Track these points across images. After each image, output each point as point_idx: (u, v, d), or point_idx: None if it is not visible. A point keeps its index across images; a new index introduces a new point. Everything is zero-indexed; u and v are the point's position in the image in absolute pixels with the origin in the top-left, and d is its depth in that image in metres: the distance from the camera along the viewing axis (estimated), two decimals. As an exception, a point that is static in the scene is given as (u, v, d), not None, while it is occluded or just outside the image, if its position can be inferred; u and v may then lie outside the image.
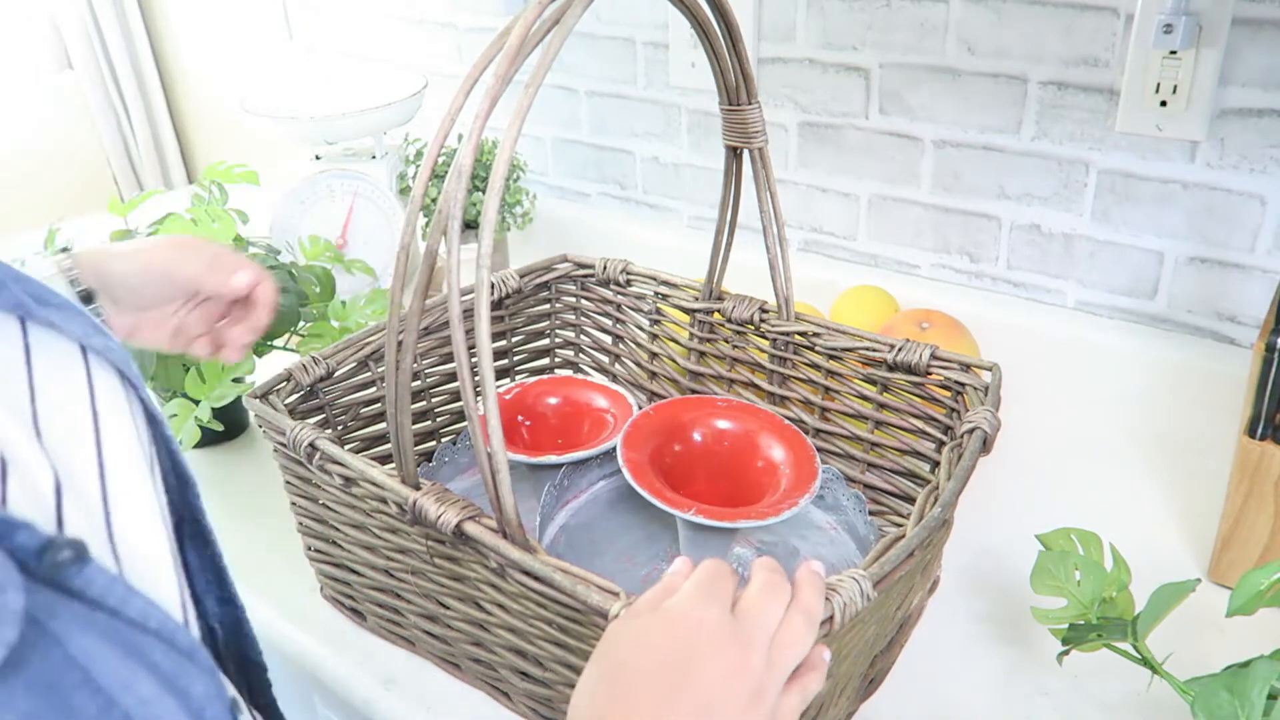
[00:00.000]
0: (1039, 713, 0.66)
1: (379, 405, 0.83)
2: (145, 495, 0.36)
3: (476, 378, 0.51)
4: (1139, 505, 0.85)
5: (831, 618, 0.49)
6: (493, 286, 0.87)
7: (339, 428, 0.81)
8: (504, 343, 0.94)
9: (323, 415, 0.79)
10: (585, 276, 0.94)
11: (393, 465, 0.62)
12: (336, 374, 0.79)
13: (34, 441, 0.32)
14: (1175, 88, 0.89)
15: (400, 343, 0.57)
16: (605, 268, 0.92)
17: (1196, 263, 0.96)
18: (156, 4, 1.94)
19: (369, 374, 0.81)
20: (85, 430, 0.35)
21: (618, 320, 0.94)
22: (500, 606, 0.62)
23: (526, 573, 0.55)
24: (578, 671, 0.59)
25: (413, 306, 0.55)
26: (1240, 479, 0.70)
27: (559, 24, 0.52)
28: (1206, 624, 0.70)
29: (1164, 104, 0.90)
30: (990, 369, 0.71)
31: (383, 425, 0.84)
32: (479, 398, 0.52)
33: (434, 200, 1.19)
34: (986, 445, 0.64)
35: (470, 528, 0.58)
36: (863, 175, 1.13)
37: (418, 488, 0.61)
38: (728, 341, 0.86)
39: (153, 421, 0.41)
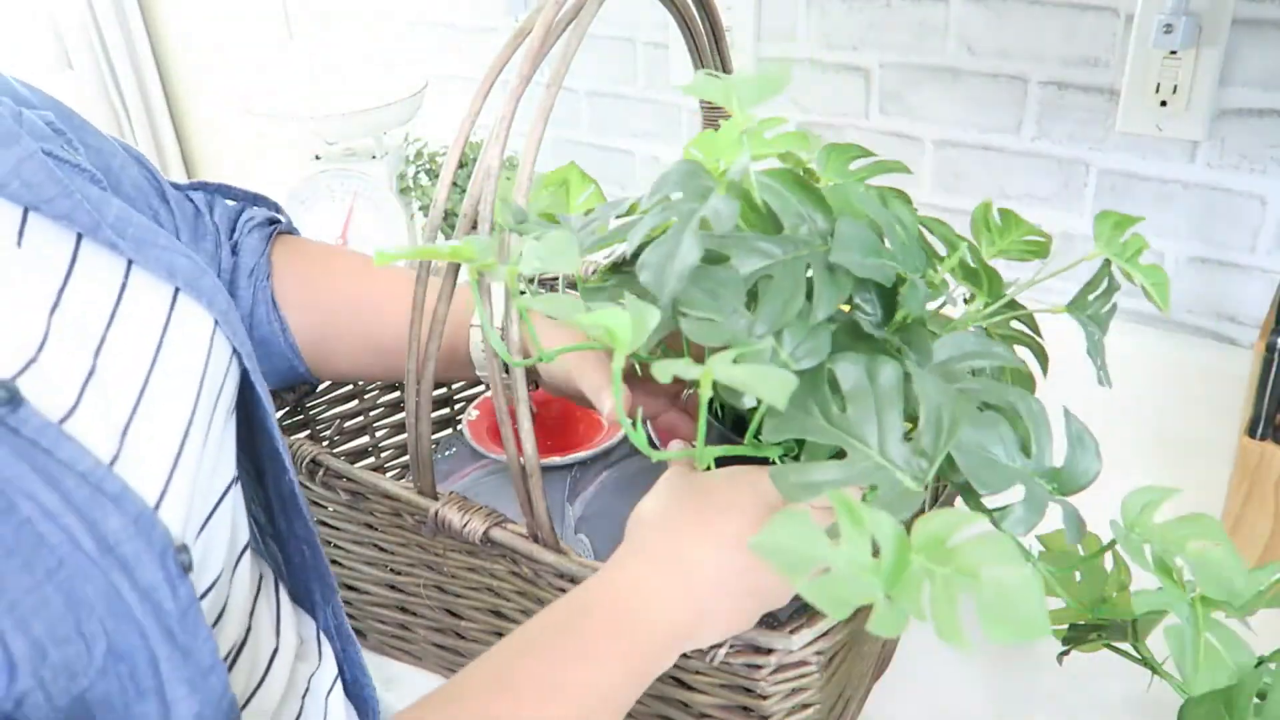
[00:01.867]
0: (1039, 713, 0.66)
1: (361, 419, 0.82)
2: (174, 413, 0.43)
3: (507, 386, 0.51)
4: (1139, 505, 0.85)
5: None
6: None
7: (325, 443, 0.80)
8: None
9: (308, 431, 0.79)
10: (555, 279, 0.93)
11: (392, 476, 0.62)
12: (320, 388, 0.78)
13: (89, 355, 0.40)
14: (1175, 88, 0.89)
15: (424, 353, 0.57)
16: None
17: (1197, 263, 0.96)
18: (156, 4, 1.94)
19: (351, 387, 0.81)
20: (143, 357, 0.43)
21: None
22: (526, 614, 0.61)
23: (561, 575, 0.55)
24: None
25: (437, 313, 0.55)
26: (1240, 479, 0.70)
27: (575, 21, 0.52)
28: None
29: (1164, 104, 0.90)
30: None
31: (366, 439, 0.83)
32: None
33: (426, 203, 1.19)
34: None
35: (498, 534, 0.57)
36: (863, 175, 1.13)
37: (436, 498, 0.60)
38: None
39: (240, 358, 0.50)
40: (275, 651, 0.53)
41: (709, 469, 0.49)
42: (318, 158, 1.15)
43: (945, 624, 0.35)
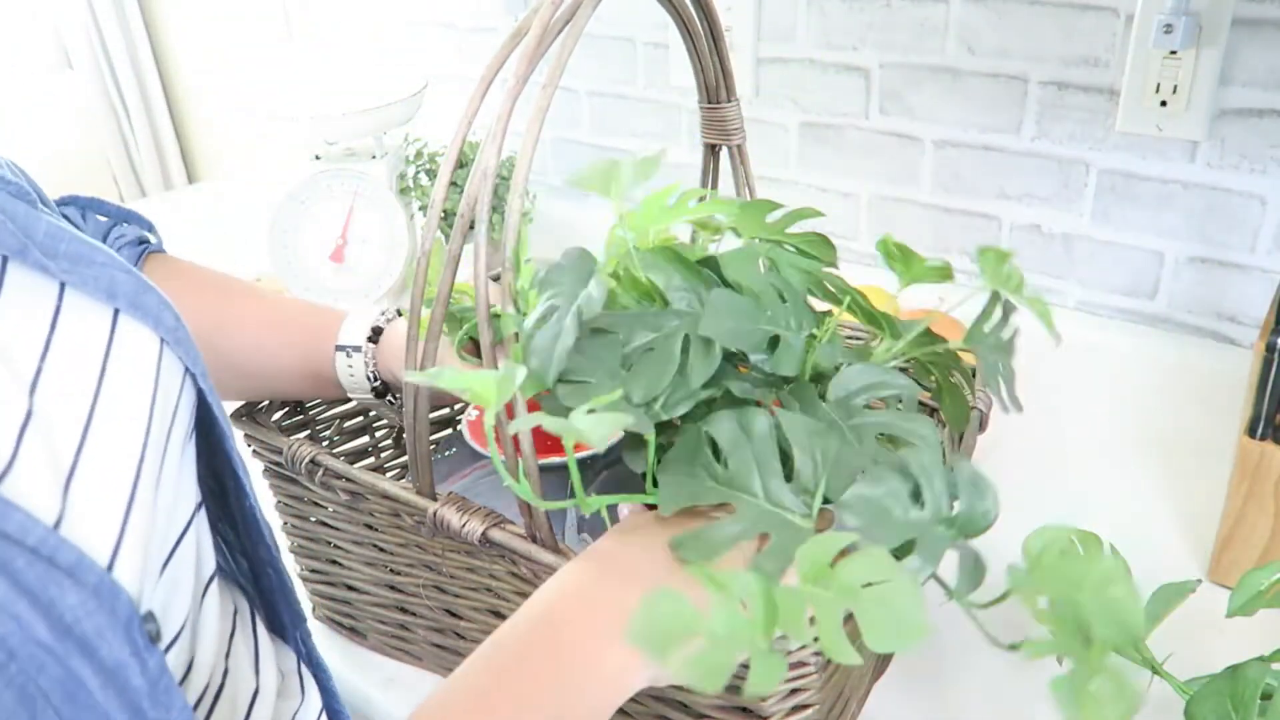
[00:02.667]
0: (1039, 713, 0.66)
1: (361, 419, 0.82)
2: (125, 446, 0.39)
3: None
4: (1139, 505, 0.85)
5: None
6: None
7: (325, 443, 0.80)
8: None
9: (308, 431, 0.78)
10: None
11: (392, 476, 0.61)
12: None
13: (23, 394, 0.36)
14: (1175, 88, 0.89)
15: (421, 353, 0.56)
16: None
17: (1196, 263, 0.96)
18: (156, 4, 1.94)
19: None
20: (85, 387, 0.39)
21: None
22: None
23: None
24: None
25: (435, 314, 0.55)
26: (1240, 479, 0.70)
27: (572, 22, 0.52)
28: (1206, 624, 0.70)
29: (1164, 104, 0.90)
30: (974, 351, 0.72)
31: (365, 439, 0.83)
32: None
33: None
34: (983, 424, 0.65)
35: (496, 534, 0.57)
36: (863, 175, 1.13)
37: (434, 498, 0.60)
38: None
39: (193, 378, 0.47)
40: (256, 692, 0.51)
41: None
42: (318, 158, 1.15)
43: (830, 643, 0.37)
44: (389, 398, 0.69)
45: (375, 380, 0.67)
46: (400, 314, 0.70)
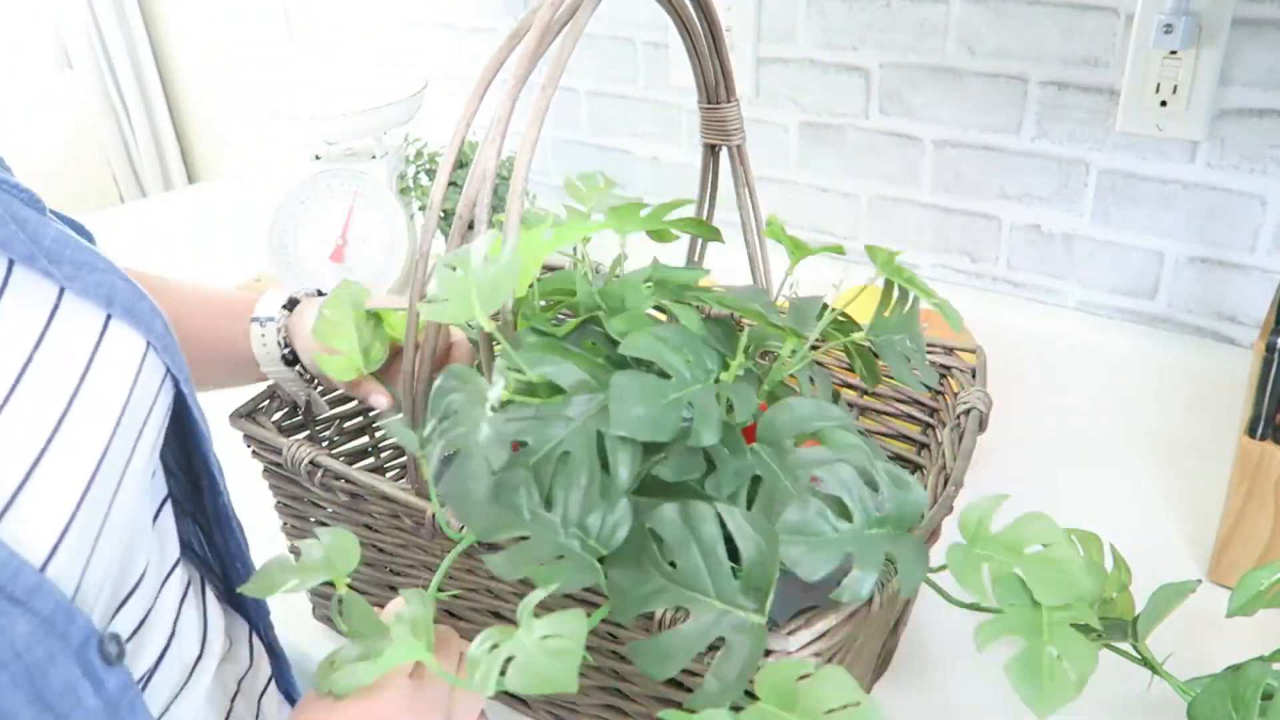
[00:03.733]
0: (1039, 713, 0.66)
1: (361, 419, 0.82)
2: (88, 444, 0.40)
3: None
4: (1139, 505, 0.85)
5: (872, 599, 0.49)
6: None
7: (325, 444, 0.80)
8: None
9: (308, 432, 0.78)
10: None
11: (391, 477, 0.61)
12: (319, 389, 0.78)
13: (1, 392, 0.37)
14: (1175, 88, 0.89)
15: (420, 352, 0.56)
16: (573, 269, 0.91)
17: (1196, 263, 0.96)
18: (156, 4, 1.94)
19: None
20: (64, 388, 0.40)
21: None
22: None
23: None
24: (607, 673, 0.59)
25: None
26: (1240, 479, 0.70)
27: (572, 22, 0.52)
28: (1206, 624, 0.70)
29: (1164, 104, 0.90)
30: (975, 351, 0.72)
31: (365, 439, 0.83)
32: None
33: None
34: (983, 424, 0.65)
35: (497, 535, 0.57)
36: (863, 175, 1.13)
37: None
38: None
39: (175, 380, 0.48)
40: (199, 657, 0.52)
41: None
42: (318, 158, 1.15)
43: None
44: (299, 368, 0.69)
45: (285, 347, 0.67)
46: (321, 293, 0.70)
